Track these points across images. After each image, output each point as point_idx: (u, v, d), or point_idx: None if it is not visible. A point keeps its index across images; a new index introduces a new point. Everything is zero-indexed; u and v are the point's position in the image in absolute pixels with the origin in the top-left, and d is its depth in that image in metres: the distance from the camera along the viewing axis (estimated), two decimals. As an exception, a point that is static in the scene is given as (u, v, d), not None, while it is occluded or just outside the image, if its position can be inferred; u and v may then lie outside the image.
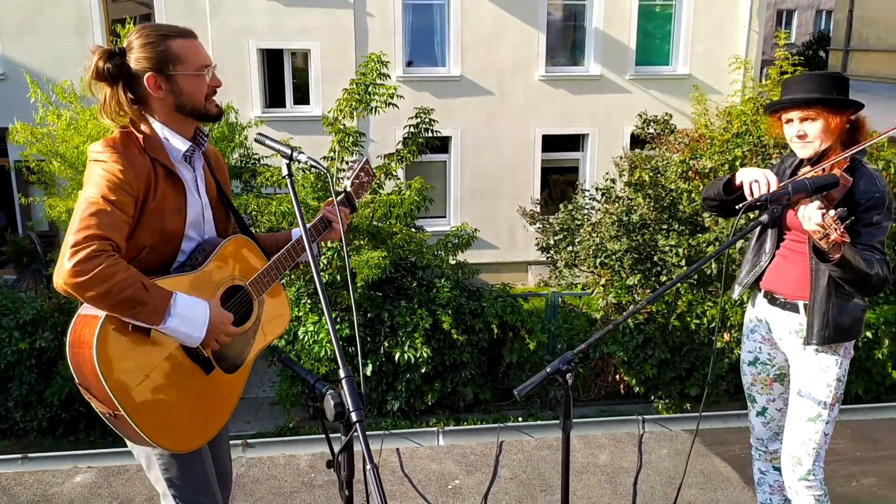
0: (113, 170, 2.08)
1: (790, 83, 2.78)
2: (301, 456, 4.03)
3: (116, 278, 1.97)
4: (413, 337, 8.40)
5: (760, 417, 3.05)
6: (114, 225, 2.04)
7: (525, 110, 14.14)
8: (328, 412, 1.76)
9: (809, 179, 2.49)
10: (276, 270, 2.44)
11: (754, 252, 2.92)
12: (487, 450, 4.09)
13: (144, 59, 2.18)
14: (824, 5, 33.66)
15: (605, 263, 9.01)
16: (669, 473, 3.89)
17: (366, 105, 9.05)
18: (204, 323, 2.15)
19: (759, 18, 14.38)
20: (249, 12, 13.06)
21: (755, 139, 9.38)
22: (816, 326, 2.69)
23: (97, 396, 2.08)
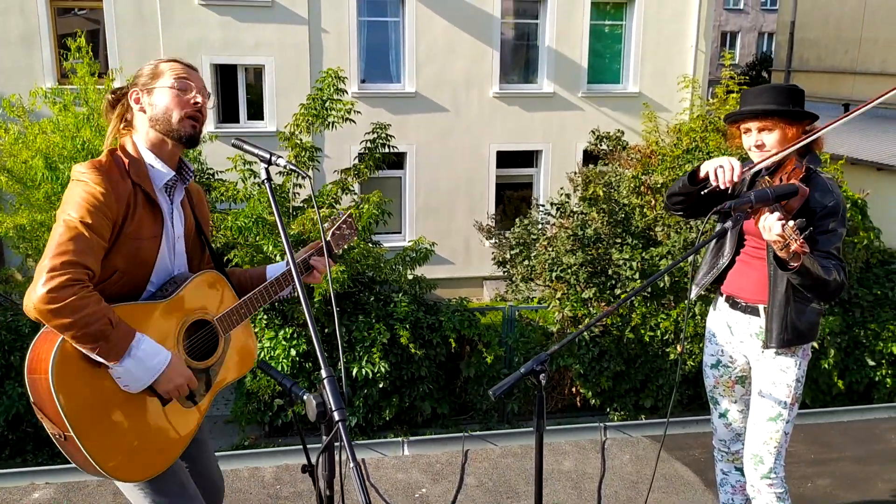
0: (94, 191, 2.10)
1: (748, 95, 2.87)
2: (266, 468, 3.99)
3: (86, 311, 1.99)
4: (371, 352, 8.37)
5: (723, 419, 3.12)
6: (90, 250, 2.06)
7: (479, 126, 14.28)
8: (310, 412, 1.76)
9: (770, 188, 2.58)
10: (246, 308, 2.43)
11: (713, 254, 2.99)
12: (453, 458, 4.10)
13: (135, 79, 2.30)
14: (766, 28, 34.76)
15: (561, 277, 9.12)
16: (632, 478, 3.95)
17: (322, 120, 9.06)
18: (157, 371, 2.15)
19: (706, 39, 14.79)
20: (203, 27, 12.96)
21: (705, 155, 9.62)
22: (775, 330, 2.77)
23: (49, 416, 2.07)
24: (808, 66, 22.19)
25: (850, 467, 4.03)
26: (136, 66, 10.52)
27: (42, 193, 8.81)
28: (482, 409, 9.14)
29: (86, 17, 13.46)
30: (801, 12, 22.44)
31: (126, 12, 12.70)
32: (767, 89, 2.82)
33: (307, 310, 1.90)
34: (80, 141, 8.72)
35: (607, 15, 14.79)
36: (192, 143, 2.30)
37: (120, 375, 2.12)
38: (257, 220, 8.17)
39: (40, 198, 8.90)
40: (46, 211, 8.93)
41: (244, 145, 2.28)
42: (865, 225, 9.77)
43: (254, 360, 2.56)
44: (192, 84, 2.28)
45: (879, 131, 17.60)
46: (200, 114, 2.30)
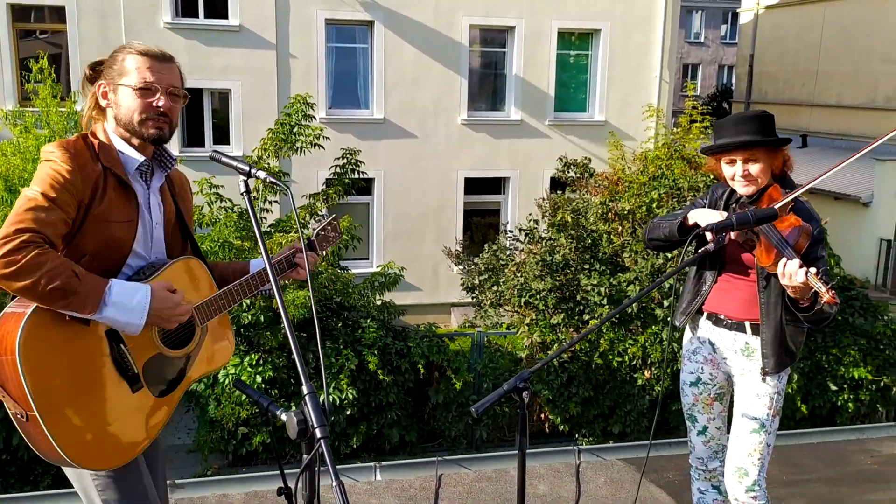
0: (60, 169, 2.06)
1: (726, 125, 2.88)
2: (234, 495, 3.88)
3: (45, 267, 1.93)
4: (338, 378, 8.27)
5: (701, 437, 3.11)
6: (49, 222, 2.00)
7: (447, 153, 14.33)
8: (290, 430, 1.70)
9: (751, 211, 2.61)
10: (226, 300, 2.36)
11: (695, 282, 3.01)
12: (426, 483, 4.03)
13: (106, 68, 2.23)
14: (726, 61, 35.60)
15: (530, 303, 9.13)
16: (607, 501, 3.92)
17: (291, 145, 9.02)
18: (144, 309, 2.08)
19: (670, 70, 15.08)
20: (169, 50, 12.74)
21: (671, 182, 9.75)
22: (773, 357, 2.81)
23: (12, 394, 1.98)
24: (767, 98, 22.71)
25: (822, 489, 4.05)
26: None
27: (2, 216, 8.60)
28: (451, 435, 9.06)
29: (48, 41, 13.30)
30: (760, 46, 23.02)
31: (90, 34, 12.57)
32: (746, 118, 2.84)
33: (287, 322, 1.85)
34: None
35: (573, 45, 15.02)
36: (159, 142, 2.24)
37: (109, 324, 2.06)
38: (224, 245, 8.07)
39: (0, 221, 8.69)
40: (5, 234, 8.72)
41: (222, 158, 2.23)
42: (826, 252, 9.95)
43: (229, 355, 2.48)
44: (157, 86, 2.19)
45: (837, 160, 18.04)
46: (166, 117, 2.22)
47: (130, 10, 12.59)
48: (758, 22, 23.12)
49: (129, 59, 2.20)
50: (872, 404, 9.78)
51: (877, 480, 4.20)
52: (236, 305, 2.43)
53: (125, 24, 12.61)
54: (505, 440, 9.49)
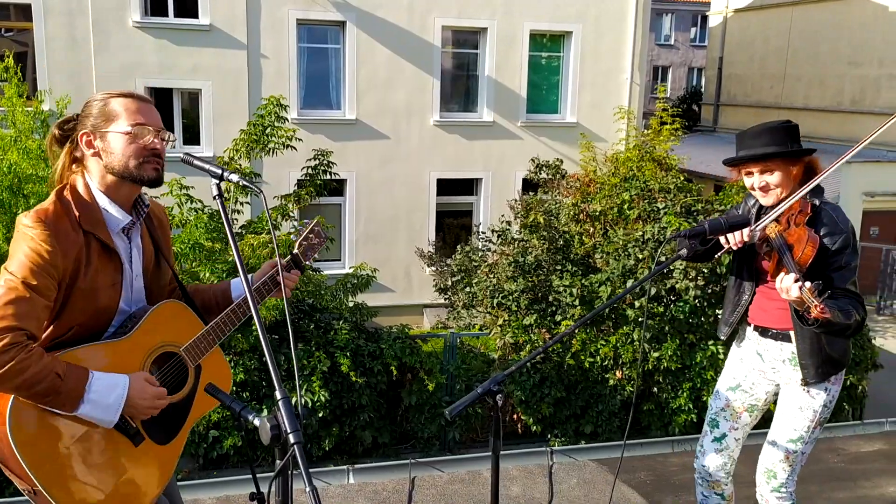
0: (39, 249, 1.99)
1: (745, 136, 2.89)
2: (205, 500, 3.84)
3: (29, 372, 1.90)
4: (311, 380, 8.22)
5: (716, 444, 3.08)
6: (31, 313, 1.95)
7: (420, 154, 14.33)
8: (263, 436, 1.69)
9: (723, 217, 2.68)
10: (214, 334, 2.31)
11: (734, 292, 3.02)
12: (399, 486, 4.02)
13: (84, 118, 2.15)
14: (696, 63, 36.00)
15: (502, 304, 9.15)
16: (580, 501, 3.95)
17: (263, 146, 8.96)
18: (119, 406, 2.05)
19: (641, 72, 15.21)
20: (138, 50, 12.72)
21: (641, 184, 9.83)
22: (812, 366, 2.79)
23: (15, 472, 1.98)
24: (736, 100, 23.01)
25: (789, 488, 4.09)
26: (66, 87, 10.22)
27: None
28: (423, 437, 9.05)
29: (13, 39, 13.08)
30: (729, 49, 23.32)
31: (57, 34, 12.39)
32: (765, 130, 2.84)
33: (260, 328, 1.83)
34: (6, 164, 8.39)
35: (545, 47, 15.09)
36: (156, 184, 2.18)
37: (86, 419, 2.03)
38: (194, 246, 7.99)
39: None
40: (-30, 235, 8.55)
41: (194, 161, 2.20)
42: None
43: (229, 386, 2.43)
44: (148, 127, 2.15)
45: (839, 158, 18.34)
46: (159, 158, 2.18)
47: (98, 9, 12.43)
48: (726, 25, 23.43)
49: (113, 104, 2.14)
50: (839, 402, 9.94)
51: (844, 478, 4.27)
52: (225, 338, 2.37)
53: (93, 23, 12.44)
54: (478, 441, 9.50)
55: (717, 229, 2.61)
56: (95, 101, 2.16)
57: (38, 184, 8.53)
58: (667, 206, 9.57)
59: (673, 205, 9.58)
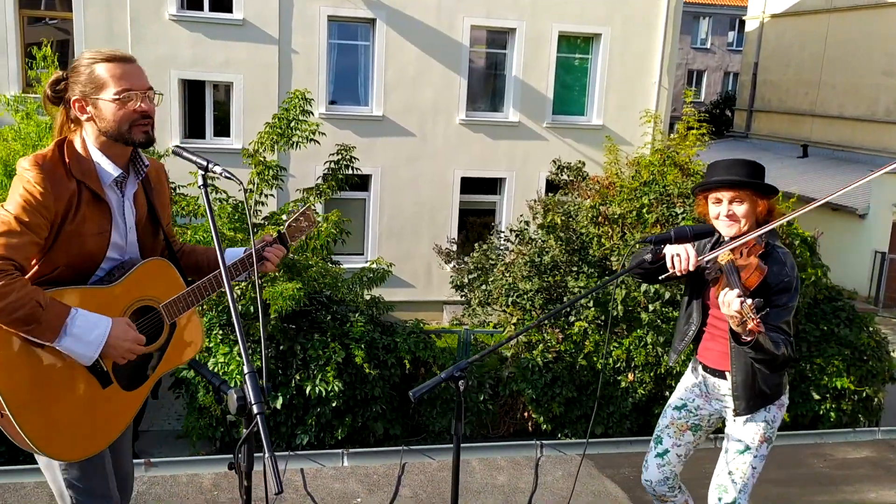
0: (33, 190, 2.15)
1: (717, 166, 2.99)
2: (204, 475, 4.03)
3: (11, 297, 2.04)
4: (325, 370, 8.39)
5: (658, 459, 3.20)
6: (20, 246, 2.11)
7: (445, 152, 14.47)
8: (231, 406, 1.85)
9: (689, 227, 2.79)
10: (193, 296, 2.47)
11: (683, 322, 3.14)
12: (390, 471, 4.17)
13: (74, 83, 2.28)
14: (732, 68, 35.68)
15: (517, 303, 9.25)
16: (563, 493, 4.06)
17: (287, 139, 9.14)
18: (99, 343, 2.20)
19: (669, 76, 15.18)
20: (173, 42, 13.03)
21: (661, 188, 9.86)
22: (744, 400, 2.92)
23: None
24: (770, 106, 22.81)
25: (771, 490, 4.17)
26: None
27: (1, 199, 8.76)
28: (435, 430, 9.18)
29: (56, 27, 13.46)
30: (764, 55, 23.12)
31: (96, 24, 12.74)
32: (738, 162, 2.95)
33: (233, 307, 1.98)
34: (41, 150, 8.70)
35: (575, 48, 15.14)
36: (147, 145, 2.33)
37: (65, 352, 2.17)
38: (216, 236, 8.20)
39: None
40: (4, 218, 8.87)
41: (183, 153, 2.36)
42: (814, 262, 10.05)
43: (198, 349, 2.59)
44: (134, 91, 2.26)
45: (839, 171, 18.16)
46: (149, 118, 2.30)
47: (136, 2, 12.75)
48: (763, 30, 23.23)
49: (99, 70, 2.25)
50: (854, 414, 9.88)
51: (826, 483, 4.33)
52: (204, 301, 2.53)
53: (131, 15, 12.76)
54: (489, 437, 9.62)
55: (683, 236, 2.71)
56: (82, 65, 2.27)
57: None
58: (685, 211, 9.60)
59: (692, 210, 9.60)
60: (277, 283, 8.13)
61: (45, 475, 2.41)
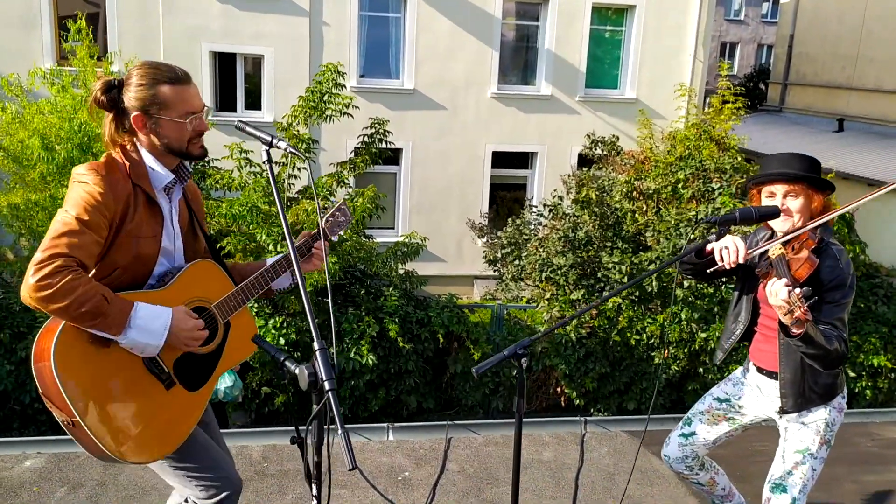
0: (93, 191, 2.20)
1: (773, 160, 2.91)
2: (253, 447, 4.07)
3: (78, 292, 2.08)
4: (359, 344, 8.44)
5: (681, 438, 3.17)
6: (82, 245, 2.15)
7: (476, 126, 14.36)
8: (302, 382, 1.84)
9: (755, 207, 2.71)
10: (243, 295, 2.50)
11: (731, 320, 3.06)
12: (436, 445, 4.18)
13: (135, 98, 2.30)
14: (766, 40, 35.00)
15: (551, 278, 9.22)
16: (609, 470, 4.05)
17: (321, 113, 9.11)
18: (163, 332, 2.23)
19: (705, 49, 14.91)
20: (203, 14, 13.00)
21: (697, 163, 9.73)
22: (791, 398, 2.85)
23: (56, 404, 2.16)
24: (805, 80, 22.35)
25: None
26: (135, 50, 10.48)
27: (37, 173, 8.84)
28: (467, 404, 9.23)
29: (86, 0, 13.49)
30: (800, 27, 22.60)
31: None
32: (795, 156, 2.87)
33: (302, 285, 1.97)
34: (77, 123, 8.75)
35: (608, 20, 14.90)
36: (202, 159, 2.44)
37: (130, 346, 2.21)
38: (252, 209, 8.23)
39: (35, 177, 8.93)
40: (41, 190, 8.96)
41: (246, 128, 2.37)
42: (851, 238, 9.91)
43: (254, 347, 2.60)
44: (197, 114, 2.35)
45: (876, 147, 17.78)
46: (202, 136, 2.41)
47: (168, -26, 12.72)
48: (799, 2, 22.70)
49: (163, 90, 2.29)
50: (890, 392, 9.78)
51: (874, 462, 4.27)
52: (253, 300, 2.56)
53: (162, -14, 12.74)
54: (521, 412, 9.64)
55: (748, 217, 2.63)
56: (144, 82, 2.29)
57: (107, 143, 8.87)
58: (722, 186, 9.48)
59: (728, 185, 9.48)
60: (313, 257, 8.12)
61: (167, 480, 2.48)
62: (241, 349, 2.57)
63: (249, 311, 2.62)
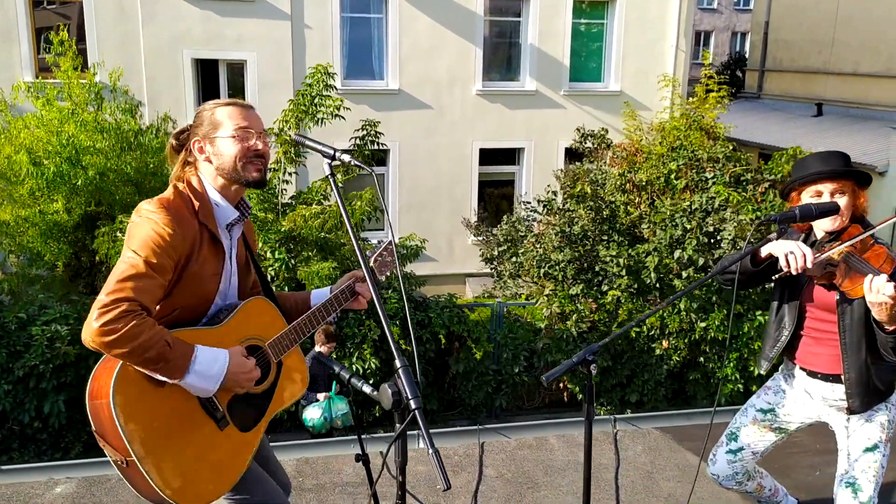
0: (162, 232, 2.15)
1: (812, 159, 2.86)
2: (286, 462, 4.00)
3: (142, 338, 2.04)
4: (361, 348, 8.38)
5: (730, 455, 3.14)
6: (147, 289, 2.11)
7: (462, 124, 14.32)
8: (385, 401, 1.80)
9: (814, 204, 2.65)
10: (296, 334, 2.47)
11: (775, 327, 3.00)
12: (469, 451, 4.15)
13: (196, 127, 2.34)
14: (739, 28, 35.26)
15: (549, 274, 9.20)
16: (646, 468, 4.04)
17: (312, 116, 9.04)
18: (220, 377, 2.20)
19: (686, 39, 14.97)
20: (184, 21, 12.83)
21: (689, 153, 9.76)
22: (858, 397, 2.82)
23: (111, 443, 2.12)
24: (782, 66, 22.56)
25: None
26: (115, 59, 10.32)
27: (26, 189, 8.68)
28: (471, 404, 9.20)
29: (54, 12, 13.26)
30: (775, 14, 22.80)
31: (106, 5, 12.54)
32: (835, 154, 2.84)
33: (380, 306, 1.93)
34: (65, 136, 8.60)
35: (589, 14, 14.92)
36: (260, 185, 2.37)
37: (186, 388, 2.18)
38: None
39: (24, 193, 8.76)
40: (30, 206, 8.80)
41: (305, 141, 2.33)
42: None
43: (305, 385, 2.57)
44: (252, 131, 2.33)
45: (854, 129, 17.99)
46: (263, 158, 2.36)
47: (145, -19, 12.54)
48: (773, -11, 22.92)
49: (219, 112, 2.32)
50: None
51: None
52: (306, 338, 2.52)
53: (141, -6, 12.57)
54: (523, 409, 9.63)
55: (808, 214, 2.59)
56: (205, 111, 2.34)
57: (95, 155, 8.74)
58: (715, 175, 9.51)
59: (722, 174, 9.51)
60: (312, 263, 8.08)
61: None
62: (293, 388, 2.53)
63: (300, 351, 2.58)
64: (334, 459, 4.00)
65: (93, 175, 8.59)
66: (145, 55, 12.62)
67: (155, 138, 9.46)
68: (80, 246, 9.14)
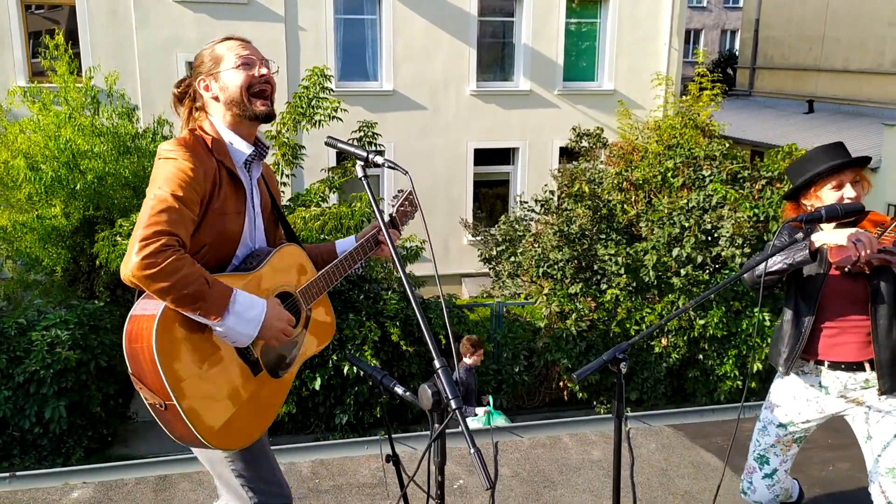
0: (183, 167, 2.15)
1: (820, 154, 2.89)
2: (301, 463, 4.00)
3: (182, 272, 2.02)
4: (362, 349, 8.37)
5: (767, 480, 3.13)
6: (181, 222, 2.09)
7: (457, 124, 14.33)
8: (424, 401, 1.80)
9: (839, 205, 2.66)
10: (325, 282, 2.47)
11: (793, 325, 2.98)
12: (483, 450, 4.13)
13: (197, 69, 2.34)
14: (729, 26, 35.40)
15: (548, 273, 9.22)
16: (661, 466, 4.06)
17: (309, 118, 9.04)
18: (258, 322, 2.18)
19: (679, 37, 15.02)
20: (177, 24, 12.79)
21: (686, 151, 9.80)
22: (890, 378, 2.83)
23: (150, 386, 2.09)
24: (773, 63, 22.67)
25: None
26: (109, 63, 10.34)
27: (24, 194, 8.64)
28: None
29: (44, 17, 13.19)
30: (766, 11, 22.91)
31: (99, 9, 12.49)
32: (834, 146, 2.88)
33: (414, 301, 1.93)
34: (62, 140, 8.57)
35: (582, 13, 14.95)
36: (268, 119, 2.36)
37: (225, 333, 2.15)
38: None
39: (21, 198, 8.73)
40: (27, 211, 8.76)
41: (338, 143, 2.32)
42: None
43: (333, 333, 2.58)
44: (254, 58, 2.33)
45: (846, 126, 18.09)
46: (269, 84, 2.35)
47: (138, -16, 12.50)
48: (763, -14, 23.03)
49: (218, 48, 2.34)
50: None
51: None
52: (334, 286, 2.52)
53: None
54: (524, 408, 9.64)
55: (833, 214, 2.59)
56: (205, 51, 2.36)
57: (94, 159, 8.70)
58: (712, 173, 9.56)
59: (719, 172, 9.56)
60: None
61: (211, 470, 2.41)
62: (321, 336, 2.54)
63: (328, 299, 2.58)
64: (350, 461, 4.01)
65: (91, 179, 8.56)
66: (139, 59, 12.57)
67: (152, 142, 9.43)
68: (79, 250, 9.10)
